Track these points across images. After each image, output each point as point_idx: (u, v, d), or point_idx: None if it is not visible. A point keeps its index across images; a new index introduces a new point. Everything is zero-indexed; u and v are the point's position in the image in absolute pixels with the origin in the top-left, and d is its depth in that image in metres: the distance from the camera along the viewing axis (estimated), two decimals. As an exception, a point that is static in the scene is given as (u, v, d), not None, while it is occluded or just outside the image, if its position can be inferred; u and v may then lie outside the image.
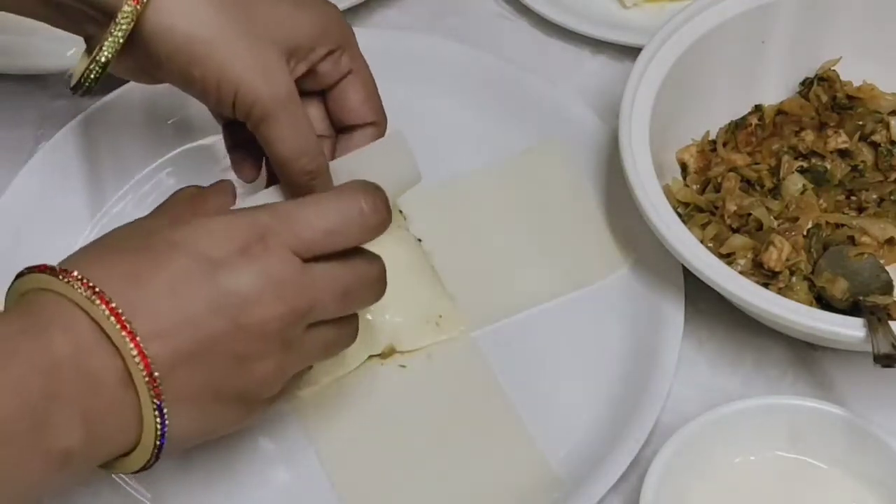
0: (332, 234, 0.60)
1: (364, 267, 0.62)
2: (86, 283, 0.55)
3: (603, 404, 0.71)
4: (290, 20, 0.67)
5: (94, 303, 0.55)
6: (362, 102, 0.70)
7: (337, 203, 0.61)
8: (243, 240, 0.58)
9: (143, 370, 0.55)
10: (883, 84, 0.81)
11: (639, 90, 0.75)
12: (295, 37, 0.66)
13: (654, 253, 0.73)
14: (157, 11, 0.63)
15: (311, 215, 0.60)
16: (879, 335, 0.64)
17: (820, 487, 0.66)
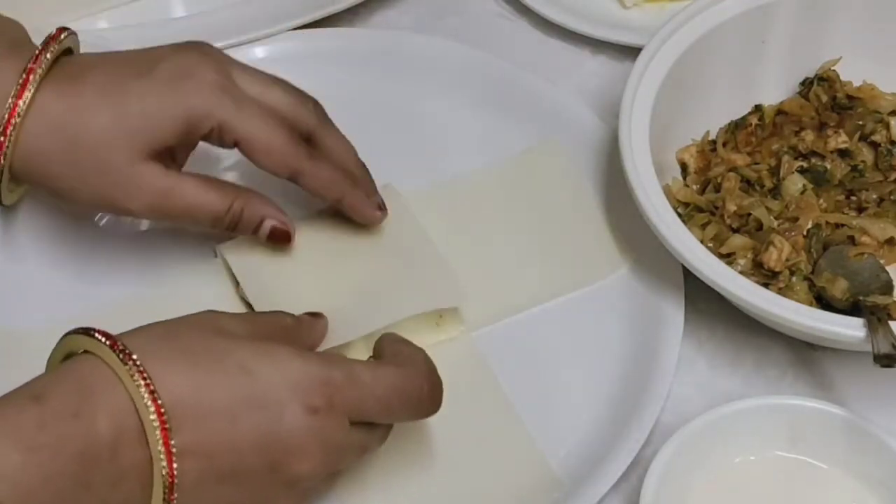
0: (387, 410, 0.62)
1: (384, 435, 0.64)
2: (143, 374, 0.56)
3: (603, 404, 0.71)
4: (153, 122, 0.68)
5: (146, 403, 0.55)
6: (268, 165, 0.70)
7: (403, 380, 0.62)
8: (313, 396, 0.59)
9: (166, 481, 0.56)
10: (883, 84, 0.81)
11: (639, 90, 0.75)
12: (161, 138, 0.68)
13: (654, 253, 0.73)
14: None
15: (379, 387, 0.61)
16: (879, 335, 0.64)
17: (820, 487, 0.66)
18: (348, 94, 0.86)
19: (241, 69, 0.71)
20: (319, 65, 0.87)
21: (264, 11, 0.89)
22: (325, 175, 0.71)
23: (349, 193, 0.72)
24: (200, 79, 0.68)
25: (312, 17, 0.88)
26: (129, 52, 0.72)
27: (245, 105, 0.69)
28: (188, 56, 0.70)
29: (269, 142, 0.69)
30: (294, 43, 0.88)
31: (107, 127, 0.67)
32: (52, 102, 0.68)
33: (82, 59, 0.72)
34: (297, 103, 0.72)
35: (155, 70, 0.69)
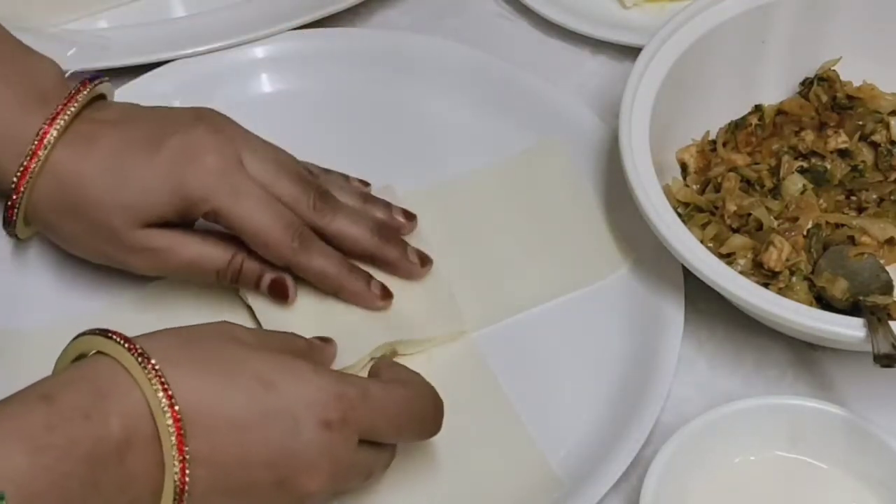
0: (397, 429, 0.62)
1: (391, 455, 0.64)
2: (161, 378, 0.56)
3: (603, 404, 0.70)
4: (149, 200, 0.69)
5: (163, 408, 0.56)
6: (262, 254, 0.71)
7: (411, 399, 0.63)
8: (328, 411, 0.59)
9: (177, 487, 0.56)
10: (883, 84, 0.81)
11: (639, 90, 0.75)
12: (156, 214, 0.69)
13: (654, 253, 0.73)
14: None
15: (390, 405, 0.61)
16: (879, 335, 0.64)
17: (820, 487, 0.66)
18: (348, 94, 0.86)
19: (252, 151, 0.71)
20: (319, 65, 0.87)
21: (264, 11, 0.89)
22: (318, 269, 0.71)
23: (345, 285, 0.72)
24: (203, 163, 0.69)
25: (312, 17, 0.88)
26: (148, 113, 0.73)
27: (243, 194, 0.69)
28: (198, 135, 0.70)
29: (263, 234, 0.70)
30: (294, 43, 0.88)
31: (103, 198, 0.69)
32: (63, 163, 0.69)
33: (102, 115, 0.72)
34: (300, 195, 0.71)
35: (161, 147, 0.69)
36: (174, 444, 0.55)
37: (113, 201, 0.69)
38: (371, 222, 0.74)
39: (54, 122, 0.69)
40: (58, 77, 0.72)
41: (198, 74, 0.86)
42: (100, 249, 0.71)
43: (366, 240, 0.73)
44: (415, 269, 0.74)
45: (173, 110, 0.74)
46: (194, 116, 0.72)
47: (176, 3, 0.93)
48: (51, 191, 0.69)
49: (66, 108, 0.70)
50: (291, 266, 0.71)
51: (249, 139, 0.72)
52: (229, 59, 0.87)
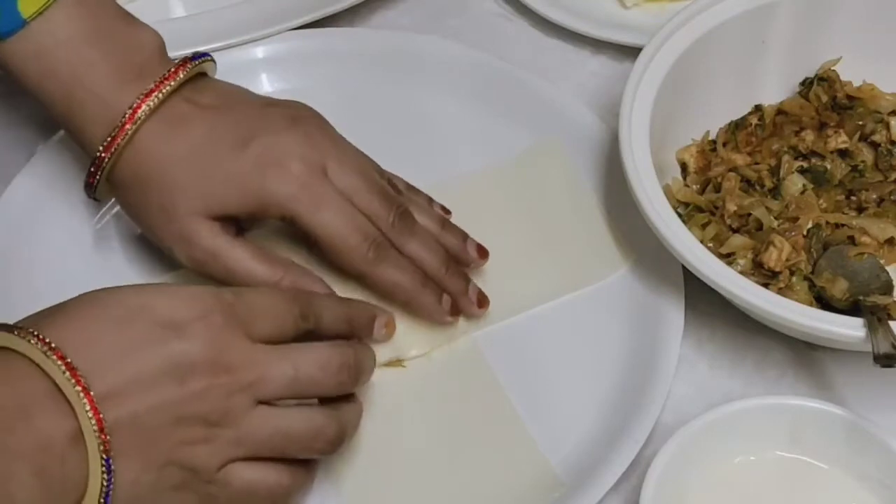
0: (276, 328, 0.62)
1: (321, 356, 0.63)
2: (43, 339, 0.56)
3: (603, 404, 0.71)
4: (228, 194, 0.69)
5: (51, 358, 0.56)
6: (335, 262, 0.71)
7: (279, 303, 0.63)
8: (203, 310, 0.59)
9: (95, 428, 0.55)
10: (883, 84, 0.81)
11: (639, 90, 0.75)
12: (229, 209, 0.70)
13: (654, 253, 0.73)
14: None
15: (264, 309, 0.62)
16: (879, 335, 0.64)
17: (820, 487, 0.66)
18: (348, 94, 0.86)
19: (338, 162, 0.71)
20: (319, 65, 0.87)
21: (264, 11, 0.89)
22: (391, 281, 0.71)
23: (416, 298, 0.71)
24: (286, 169, 0.69)
25: (312, 17, 0.88)
26: (245, 103, 0.73)
27: (324, 203, 0.69)
28: (287, 140, 0.70)
29: (339, 241, 0.69)
30: (294, 43, 0.88)
31: (178, 182, 0.69)
32: (149, 139, 0.70)
33: (200, 97, 0.72)
34: (381, 211, 0.71)
35: (248, 146, 0.69)
36: (73, 385, 0.55)
37: (187, 186, 0.69)
38: (443, 252, 0.73)
39: (147, 99, 0.70)
40: (156, 50, 0.73)
41: (198, 74, 0.86)
42: (153, 226, 0.71)
43: (433, 268, 0.72)
44: (472, 310, 0.73)
45: (271, 105, 0.73)
46: (290, 118, 0.72)
47: (176, 3, 0.93)
48: (131, 163, 0.70)
49: (162, 87, 0.70)
50: (365, 276, 0.71)
51: (338, 148, 0.72)
52: (229, 59, 0.86)
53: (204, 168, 0.69)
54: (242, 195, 0.69)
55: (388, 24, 0.92)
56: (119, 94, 0.70)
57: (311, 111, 0.74)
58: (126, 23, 0.74)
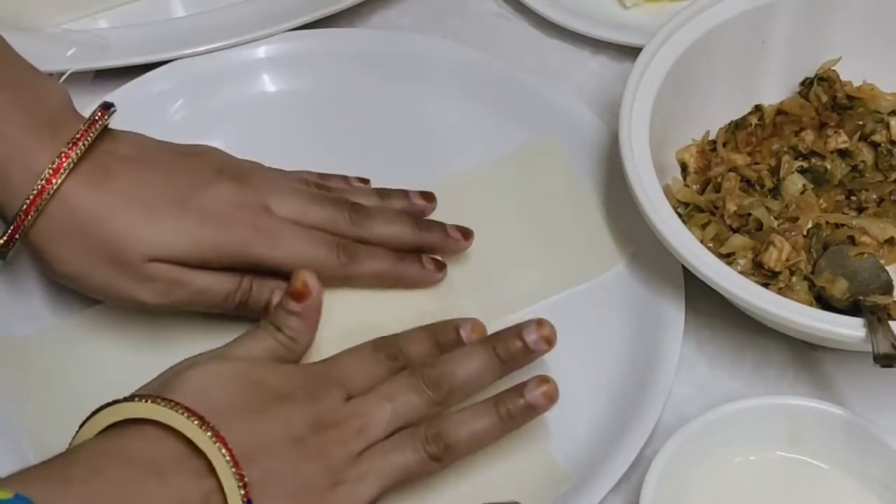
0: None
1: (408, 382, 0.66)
2: (179, 404, 0.59)
3: (603, 404, 0.71)
4: (182, 245, 0.69)
5: (192, 421, 0.58)
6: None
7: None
8: (304, 380, 0.64)
9: (239, 484, 0.58)
10: (883, 84, 0.81)
11: (639, 90, 0.75)
12: (185, 258, 0.69)
13: (654, 253, 0.73)
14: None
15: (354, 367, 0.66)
16: (879, 335, 0.64)
17: (820, 487, 0.66)
18: (348, 94, 0.86)
19: (276, 194, 0.72)
20: (319, 65, 0.87)
21: (264, 11, 0.89)
22: (371, 272, 0.72)
23: (402, 275, 0.73)
24: (234, 217, 0.70)
25: (312, 17, 0.88)
26: (163, 153, 0.72)
27: (281, 236, 0.70)
28: (224, 192, 0.70)
29: (308, 264, 0.69)
30: (294, 43, 0.88)
31: (128, 230, 0.68)
32: (80, 191, 0.68)
33: (117, 148, 0.71)
34: (335, 215, 0.73)
35: (188, 203, 0.69)
36: (231, 469, 0.58)
37: (135, 234, 0.68)
38: (402, 216, 0.75)
39: (72, 152, 0.68)
40: (65, 101, 0.71)
41: (198, 74, 0.86)
42: (105, 282, 0.69)
43: (408, 235, 0.74)
44: (460, 245, 0.76)
45: (187, 155, 0.72)
46: (214, 170, 0.71)
47: (176, 3, 0.93)
48: (62, 218, 0.68)
49: (87, 135, 0.69)
50: (347, 279, 0.72)
51: (269, 180, 0.73)
52: (229, 59, 0.87)
53: (148, 219, 0.68)
54: (196, 246, 0.69)
55: (388, 24, 0.92)
56: (34, 146, 0.68)
57: (221, 153, 0.74)
58: (32, 75, 0.72)
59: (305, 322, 0.67)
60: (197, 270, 0.70)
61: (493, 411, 0.65)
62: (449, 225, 0.76)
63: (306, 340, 0.67)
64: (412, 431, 0.64)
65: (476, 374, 0.66)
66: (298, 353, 0.67)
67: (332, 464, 0.61)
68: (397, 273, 0.73)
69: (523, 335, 0.67)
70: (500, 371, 0.67)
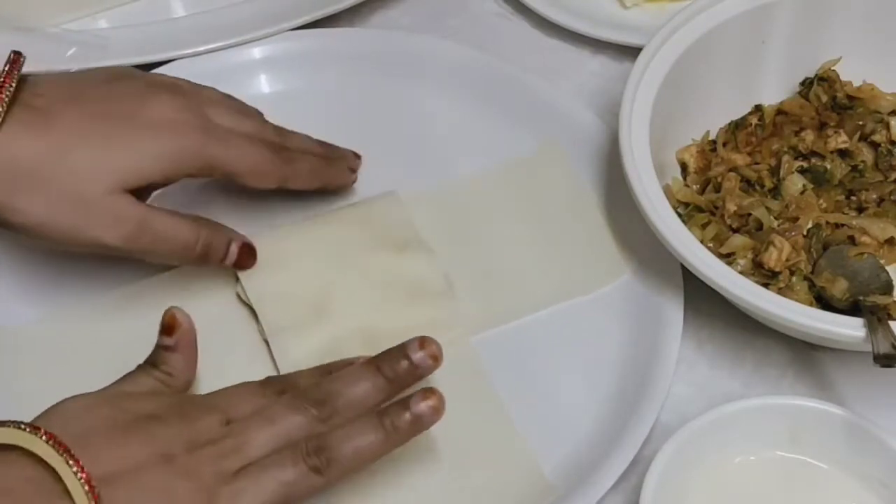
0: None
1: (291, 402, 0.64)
2: (38, 428, 0.58)
3: (603, 404, 0.71)
4: (140, 161, 0.69)
5: (49, 444, 0.57)
6: (259, 183, 0.75)
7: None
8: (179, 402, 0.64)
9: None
10: (883, 84, 0.81)
11: (639, 90, 0.75)
12: (146, 176, 0.70)
13: (654, 253, 0.73)
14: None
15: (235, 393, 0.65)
16: (879, 335, 0.64)
17: (820, 487, 0.66)
18: (348, 94, 0.86)
19: (211, 104, 0.74)
20: (319, 65, 0.87)
21: (264, 11, 0.89)
22: (306, 170, 0.77)
23: (330, 175, 0.79)
24: (183, 123, 0.71)
25: (312, 17, 0.88)
26: (94, 86, 0.72)
27: (229, 139, 0.73)
28: (164, 102, 0.71)
29: (257, 165, 0.74)
30: (294, 43, 0.88)
31: (88, 165, 0.68)
32: (20, 138, 0.67)
33: (42, 90, 0.70)
34: (261, 128, 0.77)
35: (135, 119, 0.70)
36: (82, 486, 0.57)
37: (91, 168, 0.67)
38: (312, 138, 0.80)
39: (1, 92, 0.67)
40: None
41: (198, 74, 0.85)
42: (68, 226, 0.68)
43: (316, 143, 0.80)
44: (350, 176, 0.80)
45: (117, 81, 0.72)
46: (146, 87, 0.72)
47: (176, 3, 0.93)
48: (8, 167, 0.66)
49: (9, 81, 0.67)
50: (286, 180, 0.75)
51: (198, 92, 0.75)
52: (229, 59, 0.87)
53: (103, 147, 0.68)
54: (157, 160, 0.69)
55: (388, 24, 0.92)
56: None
57: (142, 72, 0.76)
58: None
59: (182, 356, 0.65)
60: (158, 212, 0.70)
61: (379, 425, 0.62)
62: (348, 150, 0.81)
63: (185, 377, 0.66)
64: (292, 446, 0.61)
65: (361, 394, 0.64)
66: (177, 389, 0.65)
67: (204, 481, 0.59)
68: (327, 175, 0.79)
69: (408, 353, 0.65)
70: (387, 390, 0.64)
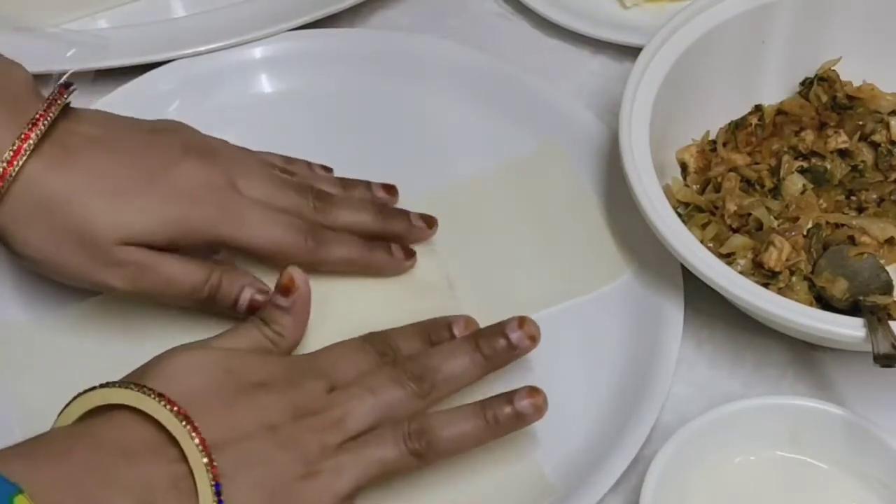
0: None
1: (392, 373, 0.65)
2: (154, 391, 0.59)
3: (603, 404, 0.70)
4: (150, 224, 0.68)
5: (165, 407, 0.58)
6: (280, 265, 0.70)
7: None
8: (285, 369, 0.64)
9: (209, 472, 0.58)
10: (883, 84, 0.81)
11: (639, 90, 0.75)
12: (152, 239, 0.68)
13: (654, 253, 0.73)
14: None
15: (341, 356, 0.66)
16: (879, 335, 0.64)
17: (820, 487, 0.66)
18: (348, 94, 0.86)
19: (243, 174, 0.72)
20: (319, 65, 0.87)
21: (264, 11, 0.89)
22: (340, 257, 0.72)
23: (370, 262, 0.73)
24: (201, 196, 0.69)
25: (312, 17, 0.88)
26: (128, 132, 0.71)
27: (246, 218, 0.70)
28: (191, 169, 0.70)
29: (275, 246, 0.71)
30: (294, 43, 0.88)
31: (100, 212, 0.67)
32: (43, 173, 0.67)
33: (81, 128, 0.70)
34: (300, 201, 0.73)
35: (156, 181, 0.69)
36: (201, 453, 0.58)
37: (102, 216, 0.67)
38: (366, 203, 0.75)
39: (32, 132, 0.67)
40: (27, 83, 0.70)
41: (198, 74, 0.86)
42: (75, 267, 0.68)
43: (372, 223, 0.74)
44: (424, 233, 0.76)
45: (155, 135, 0.72)
46: (182, 148, 0.71)
47: (176, 3, 0.93)
48: (28, 200, 0.67)
49: (47, 114, 0.68)
50: (314, 265, 0.71)
51: (237, 160, 0.73)
52: (229, 59, 0.87)
53: (114, 199, 0.68)
54: (164, 225, 0.68)
55: (388, 24, 0.92)
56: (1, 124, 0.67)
57: (189, 129, 0.74)
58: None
59: (294, 318, 0.66)
60: (167, 256, 0.69)
61: (480, 414, 0.64)
62: (412, 213, 0.76)
63: (294, 337, 0.67)
64: (394, 425, 0.63)
65: (460, 370, 0.65)
66: (285, 349, 0.66)
67: (306, 453, 0.60)
68: (366, 260, 0.73)
69: (507, 332, 0.67)
70: (484, 367, 0.66)
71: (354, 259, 0.73)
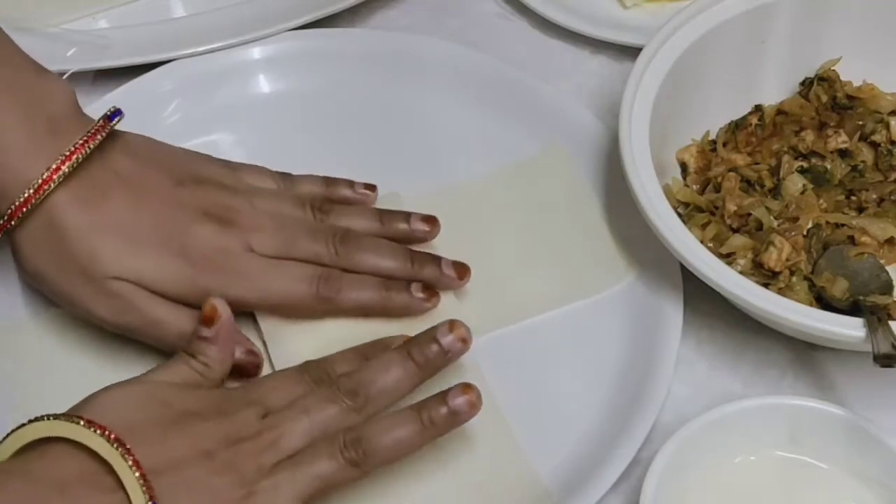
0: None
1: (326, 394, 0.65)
2: (91, 421, 0.58)
3: (603, 404, 0.70)
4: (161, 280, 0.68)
5: (103, 437, 0.58)
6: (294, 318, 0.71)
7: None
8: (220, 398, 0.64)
9: (146, 497, 0.57)
10: (883, 84, 0.81)
11: (639, 90, 0.75)
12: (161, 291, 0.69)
13: (654, 253, 0.73)
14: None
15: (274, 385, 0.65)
16: (879, 335, 0.64)
17: (820, 487, 0.66)
18: (348, 94, 0.86)
19: (259, 232, 0.71)
20: (319, 65, 0.87)
21: (264, 11, 0.89)
22: (355, 303, 0.71)
23: (389, 306, 0.72)
24: (214, 260, 0.69)
25: (312, 17, 0.88)
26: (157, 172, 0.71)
27: (258, 279, 0.70)
28: (207, 234, 0.70)
29: (284, 301, 0.70)
30: (294, 43, 0.88)
31: (108, 254, 0.67)
32: (66, 206, 0.67)
33: (113, 163, 0.70)
34: (320, 250, 0.71)
35: (173, 239, 0.69)
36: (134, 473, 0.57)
37: (111, 258, 0.67)
38: (398, 248, 0.73)
39: (64, 165, 0.67)
40: (69, 102, 0.70)
41: (198, 74, 0.86)
42: (64, 288, 0.69)
43: (398, 270, 0.72)
44: (454, 283, 0.73)
45: (183, 189, 0.71)
46: (202, 209, 0.70)
47: (176, 3, 0.93)
48: (39, 228, 0.67)
49: (82, 150, 0.68)
50: (329, 312, 0.71)
51: (256, 218, 0.72)
52: (229, 59, 0.87)
53: (124, 246, 0.68)
54: (176, 283, 0.68)
55: (388, 24, 0.92)
56: (31, 155, 0.67)
57: (216, 186, 0.73)
58: (36, 74, 0.70)
59: (219, 348, 0.65)
60: (159, 300, 0.69)
61: (416, 417, 0.63)
62: (444, 259, 0.73)
63: (221, 368, 0.66)
64: (329, 439, 0.62)
65: (393, 381, 0.64)
66: (214, 380, 0.65)
67: (243, 475, 0.60)
68: (383, 303, 0.71)
69: (438, 337, 0.65)
70: (419, 375, 0.65)
71: (372, 304, 0.71)
